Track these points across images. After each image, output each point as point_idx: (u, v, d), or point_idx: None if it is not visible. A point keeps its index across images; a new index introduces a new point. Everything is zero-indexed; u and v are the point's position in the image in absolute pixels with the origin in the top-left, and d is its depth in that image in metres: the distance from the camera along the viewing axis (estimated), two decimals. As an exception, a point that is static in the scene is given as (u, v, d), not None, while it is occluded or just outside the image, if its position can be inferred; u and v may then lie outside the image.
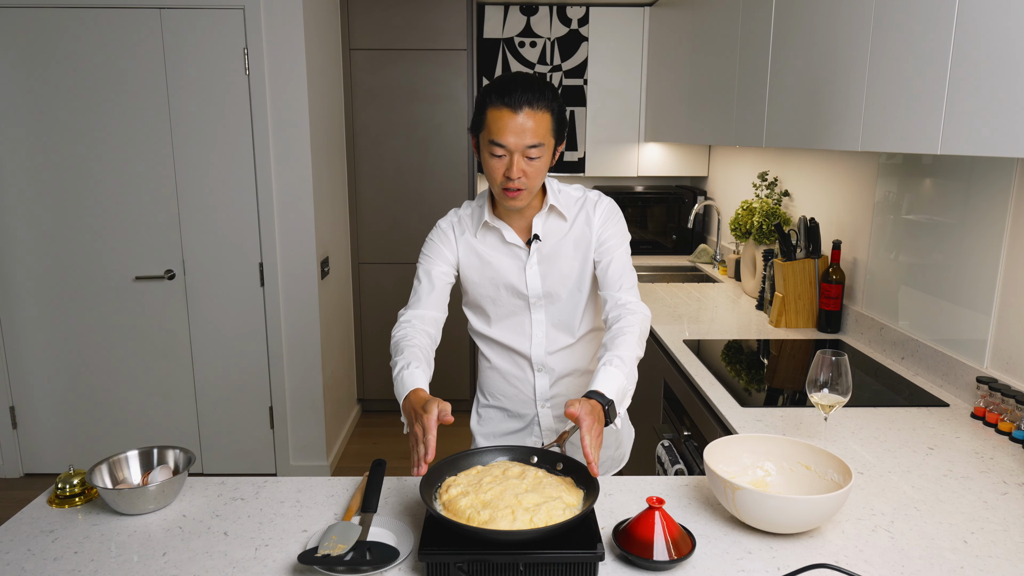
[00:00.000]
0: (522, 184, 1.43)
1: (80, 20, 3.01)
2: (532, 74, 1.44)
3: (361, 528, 1.20)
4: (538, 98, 1.38)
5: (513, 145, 1.39)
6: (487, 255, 1.58)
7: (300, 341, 3.36)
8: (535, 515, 1.10)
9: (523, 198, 1.47)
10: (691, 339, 2.39)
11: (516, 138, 1.38)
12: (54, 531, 1.25)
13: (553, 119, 1.43)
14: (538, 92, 1.39)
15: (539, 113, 1.39)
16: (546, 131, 1.41)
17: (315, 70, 3.28)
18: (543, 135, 1.41)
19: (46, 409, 3.38)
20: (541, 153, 1.42)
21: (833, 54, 1.86)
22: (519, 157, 1.40)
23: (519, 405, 1.69)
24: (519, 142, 1.39)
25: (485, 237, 1.58)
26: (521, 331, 1.62)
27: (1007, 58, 1.24)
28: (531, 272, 1.56)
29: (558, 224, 1.57)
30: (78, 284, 3.25)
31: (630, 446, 1.83)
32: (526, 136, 1.38)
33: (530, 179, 1.43)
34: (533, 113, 1.38)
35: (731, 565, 1.13)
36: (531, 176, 1.43)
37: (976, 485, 1.40)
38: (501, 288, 1.59)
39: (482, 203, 1.59)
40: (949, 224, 1.95)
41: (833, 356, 1.48)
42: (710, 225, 4.11)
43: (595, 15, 4.04)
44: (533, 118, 1.38)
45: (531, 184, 1.45)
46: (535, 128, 1.39)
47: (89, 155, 3.13)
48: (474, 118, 1.48)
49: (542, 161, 1.44)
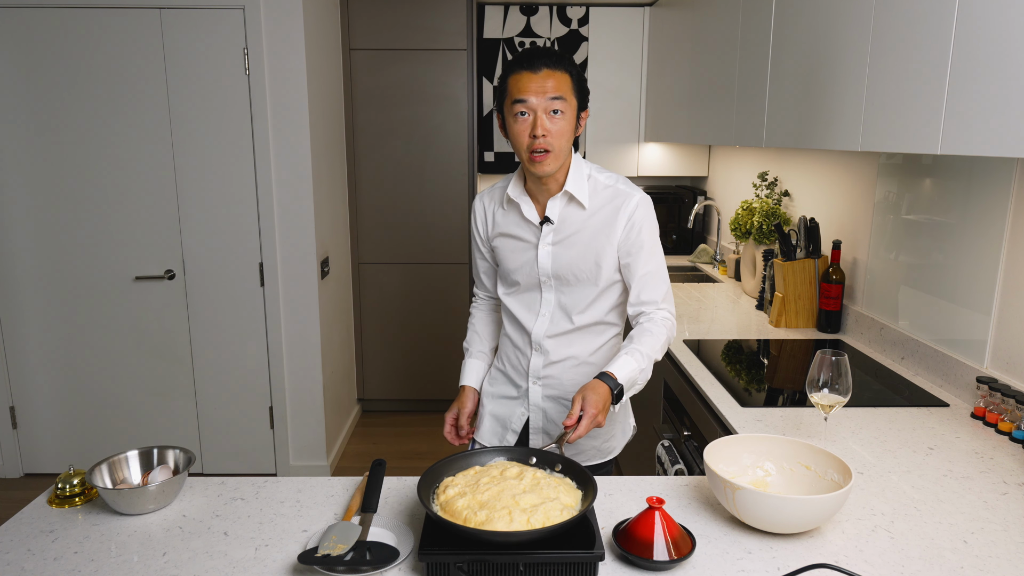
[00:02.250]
0: (547, 144, 1.46)
1: (80, 20, 3.01)
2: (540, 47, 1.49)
3: (361, 528, 1.20)
4: (557, 60, 1.45)
5: (535, 103, 1.44)
6: (509, 228, 1.64)
7: (300, 341, 3.36)
8: (532, 516, 1.10)
9: (550, 162, 1.48)
10: (691, 339, 2.39)
11: (537, 94, 1.44)
12: (54, 531, 1.25)
13: (573, 80, 1.47)
14: (556, 56, 1.45)
15: (559, 72, 1.44)
16: (568, 88, 1.46)
17: (315, 70, 3.28)
18: (565, 91, 1.45)
19: (46, 409, 3.38)
20: (564, 108, 1.45)
21: (833, 54, 1.86)
22: (542, 115, 1.44)
23: (517, 375, 1.75)
24: (541, 97, 1.44)
25: (509, 211, 1.64)
26: (531, 307, 1.67)
27: (1007, 58, 1.24)
28: (543, 252, 1.59)
29: (577, 210, 1.57)
30: (78, 284, 3.25)
31: (624, 442, 1.81)
32: (547, 89, 1.43)
33: (555, 138, 1.46)
34: (552, 72, 1.43)
35: (731, 565, 1.13)
36: (555, 136, 1.46)
37: (976, 485, 1.40)
38: (521, 261, 1.64)
39: (510, 178, 1.65)
40: (949, 224, 1.95)
41: (833, 356, 1.48)
42: (710, 225, 4.11)
43: (595, 15, 4.04)
44: (553, 77, 1.43)
45: (556, 145, 1.47)
46: (556, 84, 1.44)
47: (89, 155, 3.13)
48: (496, 95, 1.55)
49: (565, 120, 1.46)
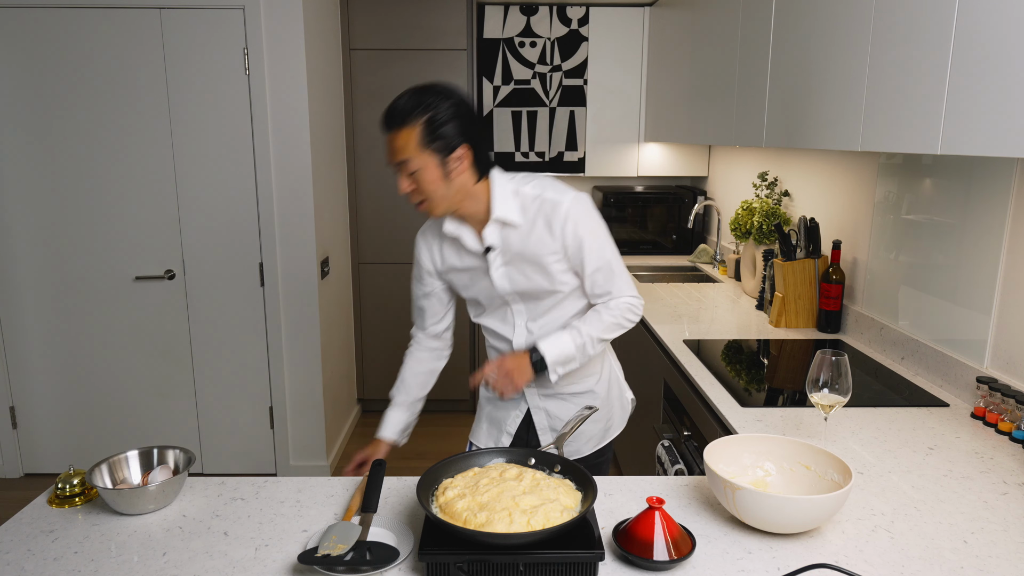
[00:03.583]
0: (419, 196, 1.49)
1: (80, 20, 3.01)
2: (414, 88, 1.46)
3: (361, 528, 1.20)
4: (402, 118, 1.43)
5: (391, 164, 1.48)
6: (457, 262, 1.65)
7: (300, 341, 3.36)
8: (532, 517, 1.10)
9: (434, 208, 1.51)
10: (691, 339, 2.39)
11: (390, 158, 1.48)
12: (54, 531, 1.25)
13: (422, 131, 1.43)
14: (401, 113, 1.43)
15: (402, 131, 1.43)
16: (413, 147, 1.43)
17: (315, 70, 3.28)
18: (410, 151, 1.44)
19: (46, 409, 3.38)
20: (415, 165, 1.45)
21: (833, 54, 1.86)
22: (401, 174, 1.47)
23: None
24: (392, 160, 1.47)
25: (452, 245, 1.64)
26: (505, 320, 1.69)
27: (1007, 58, 1.24)
28: (497, 275, 1.60)
29: (513, 230, 1.56)
30: (78, 284, 3.25)
31: (624, 417, 1.84)
32: (395, 153, 1.46)
33: (423, 192, 1.48)
34: (396, 133, 1.44)
35: (731, 565, 1.13)
36: (422, 189, 1.47)
37: (976, 485, 1.40)
38: (479, 287, 1.65)
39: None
40: (949, 224, 1.95)
41: (833, 356, 1.48)
42: (710, 225, 4.11)
43: (595, 15, 4.04)
44: (396, 138, 1.44)
45: (429, 195, 1.48)
46: (401, 146, 1.44)
47: (89, 155, 3.13)
48: None
49: (425, 174, 1.46)
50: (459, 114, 1.45)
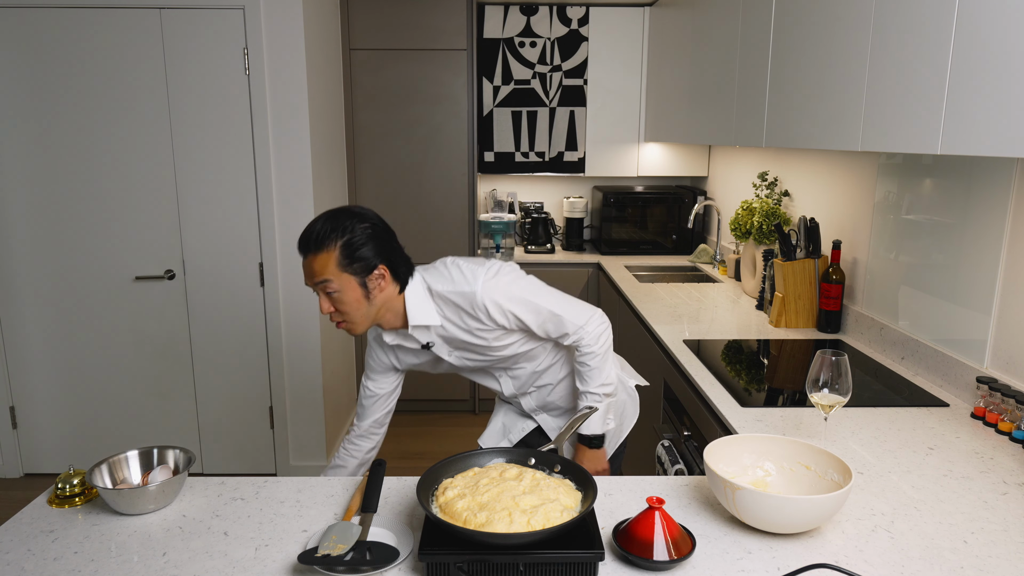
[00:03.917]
0: (339, 317, 1.50)
1: (80, 20, 3.01)
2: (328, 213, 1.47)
3: (361, 528, 1.20)
4: (317, 243, 1.44)
5: (310, 285, 1.49)
6: (413, 359, 1.70)
7: (300, 341, 3.36)
8: (532, 517, 1.10)
9: (354, 328, 1.52)
10: (691, 339, 2.39)
11: (308, 279, 1.49)
12: (54, 531, 1.25)
13: (339, 254, 1.44)
14: (316, 239, 1.44)
15: (319, 255, 1.44)
16: (332, 267, 1.44)
17: (315, 70, 3.28)
18: (329, 272, 1.45)
19: (46, 409, 3.38)
20: (334, 287, 1.46)
21: (833, 54, 1.86)
22: (321, 295, 1.48)
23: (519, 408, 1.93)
24: (310, 282, 1.48)
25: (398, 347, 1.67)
26: (488, 376, 1.78)
27: (1007, 58, 1.24)
28: (452, 359, 1.66)
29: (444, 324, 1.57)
30: (78, 284, 3.24)
31: (631, 425, 1.93)
32: (313, 274, 1.46)
33: (344, 313, 1.49)
34: (315, 256, 1.45)
35: (731, 565, 1.13)
36: (343, 311, 1.48)
37: (976, 485, 1.40)
38: (443, 368, 1.72)
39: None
40: (949, 224, 1.95)
41: (833, 356, 1.48)
42: (710, 225, 4.11)
43: (595, 15, 4.04)
44: (316, 261, 1.45)
45: (350, 316, 1.49)
46: (319, 268, 1.45)
47: (89, 155, 3.13)
48: None
49: (346, 295, 1.46)
50: (375, 235, 1.47)
